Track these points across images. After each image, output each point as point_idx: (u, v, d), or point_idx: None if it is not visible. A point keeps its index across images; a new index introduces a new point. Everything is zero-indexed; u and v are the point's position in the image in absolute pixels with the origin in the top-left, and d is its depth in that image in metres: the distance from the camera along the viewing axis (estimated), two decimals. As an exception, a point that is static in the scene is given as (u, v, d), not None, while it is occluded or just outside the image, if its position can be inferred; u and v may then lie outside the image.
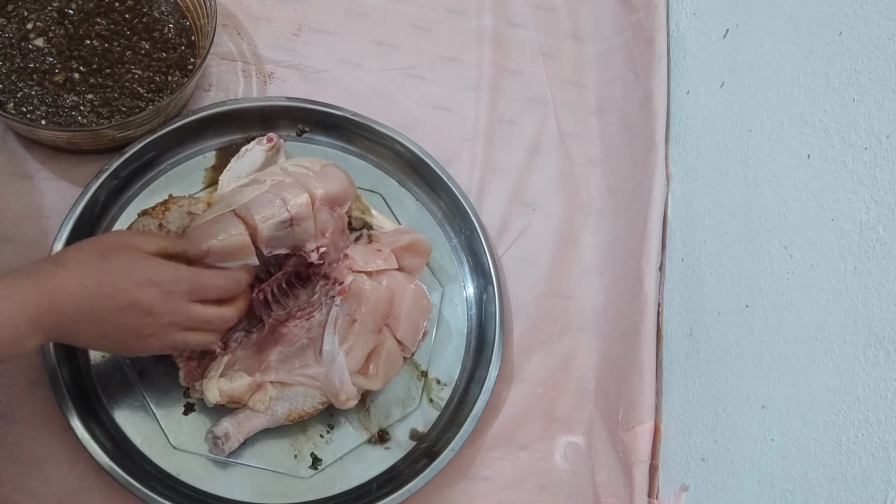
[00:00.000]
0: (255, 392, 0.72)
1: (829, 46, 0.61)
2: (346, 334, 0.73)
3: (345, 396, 0.72)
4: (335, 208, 0.76)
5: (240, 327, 0.74)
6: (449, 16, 0.97)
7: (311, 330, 0.74)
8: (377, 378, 0.75)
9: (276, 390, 0.72)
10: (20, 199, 0.79)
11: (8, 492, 0.70)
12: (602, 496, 0.78)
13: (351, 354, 0.73)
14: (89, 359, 0.75)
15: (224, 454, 0.72)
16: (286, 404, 0.72)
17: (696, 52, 0.84)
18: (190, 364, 0.72)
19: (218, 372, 0.71)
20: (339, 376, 0.72)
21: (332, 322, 0.73)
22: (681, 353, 0.77)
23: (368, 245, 0.80)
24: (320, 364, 0.72)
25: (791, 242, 0.63)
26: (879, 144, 0.54)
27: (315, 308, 0.75)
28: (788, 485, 0.58)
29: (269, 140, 0.80)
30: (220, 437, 0.71)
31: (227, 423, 0.71)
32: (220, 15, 0.84)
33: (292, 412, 0.73)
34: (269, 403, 0.72)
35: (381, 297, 0.75)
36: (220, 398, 0.70)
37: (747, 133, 0.71)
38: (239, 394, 0.71)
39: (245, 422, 0.72)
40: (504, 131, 0.93)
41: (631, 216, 0.87)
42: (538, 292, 0.87)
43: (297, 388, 0.73)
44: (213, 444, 0.71)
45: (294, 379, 0.72)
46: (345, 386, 0.72)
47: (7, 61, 0.80)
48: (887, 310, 0.52)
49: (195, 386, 0.72)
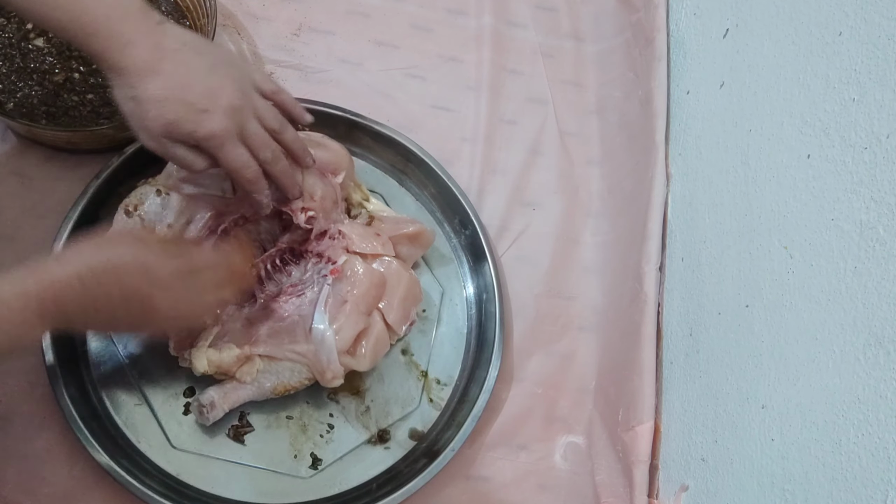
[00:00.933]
0: (244, 364, 0.72)
1: (829, 46, 0.61)
2: (337, 314, 0.73)
3: (331, 375, 0.72)
4: (326, 175, 0.76)
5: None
6: (449, 16, 0.97)
7: (301, 307, 0.74)
8: (365, 359, 0.75)
9: (263, 363, 0.72)
10: (20, 199, 0.79)
11: (8, 492, 0.70)
12: (602, 496, 0.78)
13: (340, 334, 0.72)
14: (89, 359, 0.75)
15: (209, 422, 0.72)
16: (273, 378, 0.73)
17: (696, 52, 0.84)
18: (180, 333, 0.73)
19: (207, 342, 0.72)
20: (327, 354, 0.72)
21: (324, 301, 0.73)
22: (681, 353, 0.77)
23: (367, 227, 0.79)
24: (309, 341, 0.72)
25: (791, 242, 0.63)
26: (879, 144, 0.54)
27: (307, 286, 0.75)
28: (788, 485, 0.58)
29: None
30: (206, 405, 0.71)
31: (214, 392, 0.72)
32: (220, 15, 0.84)
33: (278, 386, 0.73)
34: (255, 376, 0.72)
35: (374, 281, 0.75)
36: (209, 368, 0.71)
37: (747, 133, 0.71)
38: (227, 365, 0.71)
39: (231, 392, 0.72)
40: (504, 131, 0.93)
41: (631, 216, 0.87)
42: (538, 292, 0.87)
43: (285, 363, 0.73)
44: (199, 412, 0.72)
45: (282, 354, 0.72)
46: (332, 364, 0.72)
47: (7, 61, 0.80)
48: (887, 310, 0.52)
49: (184, 355, 0.72)
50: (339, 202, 0.78)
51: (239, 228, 0.76)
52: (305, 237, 0.76)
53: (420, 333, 0.82)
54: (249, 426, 0.75)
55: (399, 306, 0.77)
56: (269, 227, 0.78)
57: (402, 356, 0.81)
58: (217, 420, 0.72)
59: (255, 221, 0.77)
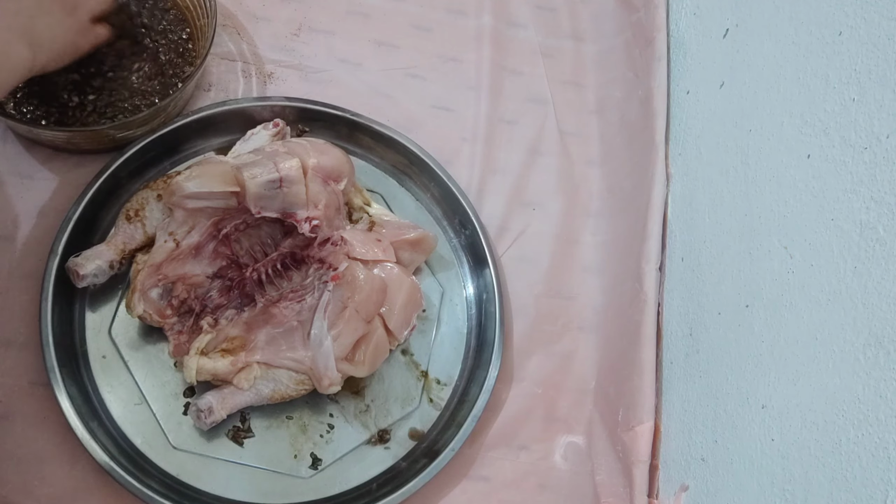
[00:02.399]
0: (241, 371, 0.72)
1: (829, 46, 0.61)
2: (336, 320, 0.73)
3: (328, 382, 0.72)
4: (329, 182, 0.76)
5: (231, 305, 0.74)
6: (449, 16, 0.97)
7: (301, 313, 0.74)
8: (363, 365, 0.75)
9: (261, 370, 0.72)
10: (20, 199, 0.79)
11: (8, 492, 0.70)
12: (602, 496, 0.78)
13: (339, 340, 0.72)
14: (89, 359, 0.75)
15: (206, 427, 0.72)
16: (270, 384, 0.73)
17: (696, 51, 0.84)
18: (180, 338, 0.73)
19: (199, 349, 0.71)
20: (325, 361, 0.72)
21: (324, 307, 0.73)
22: (681, 353, 0.77)
23: (368, 232, 0.79)
24: (307, 348, 0.72)
25: (791, 242, 0.63)
26: (879, 144, 0.54)
27: (308, 291, 0.75)
28: (788, 485, 0.58)
29: (275, 125, 0.81)
30: (204, 410, 0.71)
31: (211, 396, 0.71)
32: (219, 15, 0.84)
33: (276, 393, 0.73)
34: (253, 382, 0.72)
35: (374, 287, 0.75)
36: (200, 376, 0.70)
37: (747, 133, 0.71)
38: (223, 373, 0.71)
39: (229, 397, 0.72)
40: (504, 131, 0.93)
41: (631, 216, 0.87)
42: (538, 292, 0.87)
43: (282, 371, 0.73)
44: (196, 416, 0.71)
45: (279, 361, 0.72)
46: (329, 371, 0.72)
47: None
48: (887, 310, 0.52)
49: (180, 361, 0.72)
50: (341, 208, 0.78)
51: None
52: (307, 242, 0.76)
53: (420, 334, 0.82)
54: (250, 431, 0.75)
55: (400, 312, 0.77)
56: (270, 231, 0.78)
57: (402, 356, 0.81)
58: (215, 425, 0.72)
59: (257, 226, 0.77)
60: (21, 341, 0.74)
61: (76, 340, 0.75)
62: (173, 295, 0.74)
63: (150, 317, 0.73)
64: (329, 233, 0.76)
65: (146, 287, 0.73)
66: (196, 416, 0.72)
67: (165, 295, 0.73)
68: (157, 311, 0.73)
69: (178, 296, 0.74)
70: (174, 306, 0.74)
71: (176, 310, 0.74)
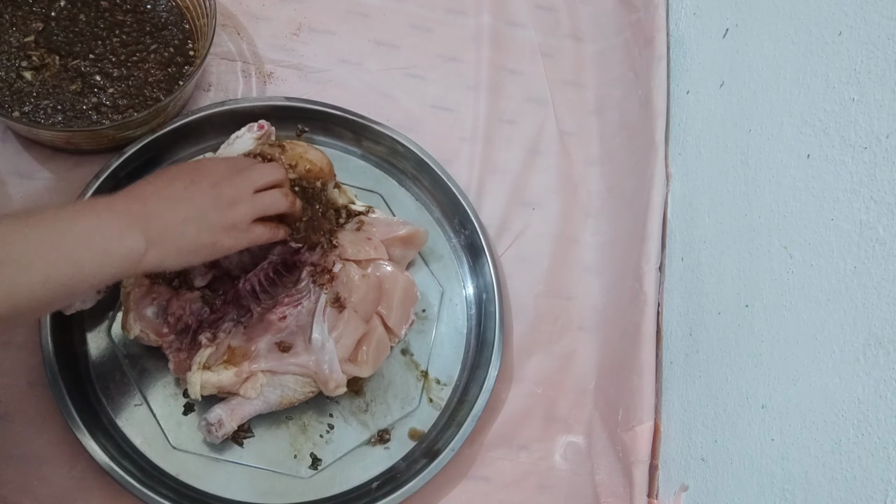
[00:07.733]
0: (246, 381, 0.72)
1: (829, 46, 0.61)
2: (336, 322, 0.73)
3: (334, 384, 0.72)
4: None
5: (228, 317, 0.74)
6: (449, 16, 0.97)
7: (299, 317, 0.73)
8: (367, 365, 0.75)
9: (266, 378, 0.72)
10: (20, 199, 0.79)
11: (8, 492, 0.70)
12: (602, 496, 0.78)
13: (341, 342, 0.72)
14: (89, 359, 0.75)
15: (218, 440, 0.72)
16: (277, 391, 0.72)
17: (696, 51, 0.84)
18: (179, 355, 0.72)
19: (200, 364, 0.71)
20: (329, 363, 0.72)
21: (321, 310, 0.72)
22: (681, 353, 0.77)
23: (358, 232, 0.79)
24: (310, 352, 0.72)
25: (791, 242, 0.63)
26: (879, 144, 0.54)
27: (303, 295, 0.74)
28: (788, 485, 0.58)
29: (259, 127, 0.80)
30: (214, 423, 0.70)
31: (220, 409, 0.71)
32: (219, 15, 0.84)
33: (284, 398, 0.73)
34: (260, 391, 0.72)
35: (370, 286, 0.75)
36: (205, 390, 0.70)
37: (747, 133, 0.71)
38: (228, 384, 0.71)
39: (238, 408, 0.71)
40: (503, 131, 0.93)
41: (630, 216, 0.87)
42: (538, 292, 0.87)
43: (288, 376, 0.72)
44: (207, 431, 0.71)
45: (284, 368, 0.72)
46: (334, 374, 0.72)
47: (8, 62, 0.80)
48: (887, 310, 0.52)
49: (184, 377, 0.71)
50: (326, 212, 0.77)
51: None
52: (297, 249, 0.75)
53: (420, 333, 0.82)
54: (250, 432, 0.75)
55: (398, 308, 0.77)
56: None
57: (402, 356, 0.81)
58: (226, 437, 0.72)
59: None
60: (20, 342, 0.74)
61: (75, 341, 0.75)
62: (169, 312, 0.73)
63: (147, 336, 0.72)
64: (317, 239, 0.75)
65: (141, 306, 0.72)
66: (206, 431, 0.71)
67: (161, 313, 0.73)
68: (154, 330, 0.72)
69: (174, 313, 0.73)
70: (171, 324, 0.73)
71: (173, 328, 0.73)
